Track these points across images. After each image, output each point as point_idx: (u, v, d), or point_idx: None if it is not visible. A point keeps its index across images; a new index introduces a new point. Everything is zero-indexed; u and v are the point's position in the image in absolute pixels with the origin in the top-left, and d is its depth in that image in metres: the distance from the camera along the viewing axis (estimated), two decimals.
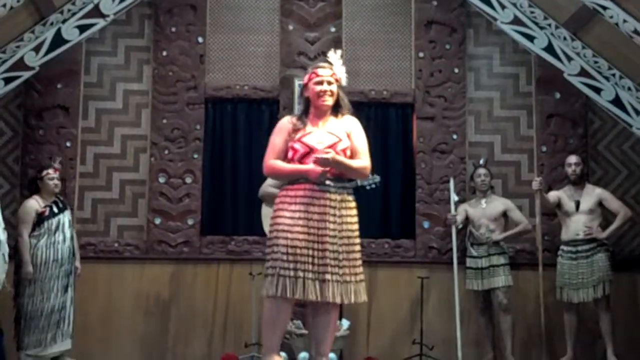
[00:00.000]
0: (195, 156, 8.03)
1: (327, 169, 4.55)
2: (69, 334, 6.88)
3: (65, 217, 7.03)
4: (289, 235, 4.48)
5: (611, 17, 7.20)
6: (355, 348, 7.70)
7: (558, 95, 8.18)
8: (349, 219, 4.63)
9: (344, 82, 4.89)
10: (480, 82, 8.34)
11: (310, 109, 4.77)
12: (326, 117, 4.73)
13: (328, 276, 4.48)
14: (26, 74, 7.55)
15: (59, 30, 7.61)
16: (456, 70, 8.25)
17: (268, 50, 8.25)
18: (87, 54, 8.07)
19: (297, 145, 4.62)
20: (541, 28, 7.96)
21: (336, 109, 4.80)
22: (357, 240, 4.67)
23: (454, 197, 7.62)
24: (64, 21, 7.62)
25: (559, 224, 7.57)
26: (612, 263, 7.27)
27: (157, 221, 7.90)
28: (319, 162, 4.54)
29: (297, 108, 4.92)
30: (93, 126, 8.05)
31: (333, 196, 4.58)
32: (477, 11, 8.10)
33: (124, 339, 7.67)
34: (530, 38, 7.96)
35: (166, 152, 8.00)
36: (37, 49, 7.53)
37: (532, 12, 7.94)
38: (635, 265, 7.81)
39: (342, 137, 4.68)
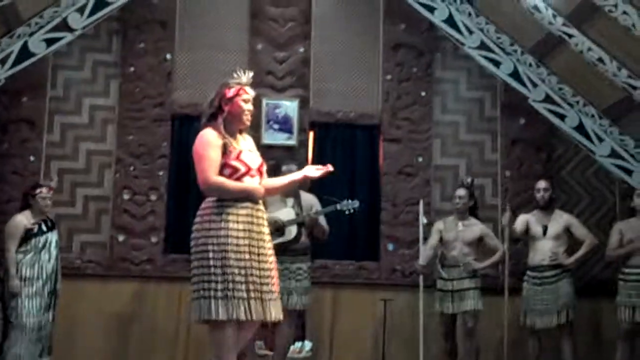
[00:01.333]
0: (161, 173, 7.99)
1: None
2: (47, 353, 6.80)
3: (53, 237, 6.96)
4: (240, 255, 4.40)
5: (576, 45, 7.30)
6: None
7: (523, 121, 8.27)
8: (269, 235, 4.64)
9: None
10: (447, 106, 8.41)
11: (225, 124, 4.61)
12: (236, 134, 4.65)
13: (269, 295, 4.45)
14: None
15: (25, 43, 7.56)
16: (423, 94, 8.31)
17: (236, 69, 8.23)
18: (54, 68, 8.01)
19: (237, 164, 4.51)
20: (507, 54, 8.06)
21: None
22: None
23: (423, 220, 7.57)
24: (31, 34, 7.58)
25: (522, 249, 7.62)
26: (576, 289, 7.32)
27: (121, 238, 7.84)
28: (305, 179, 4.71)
29: (204, 120, 4.68)
30: (58, 141, 7.99)
31: (265, 215, 4.60)
32: (444, 35, 8.18)
33: (84, 356, 7.58)
34: (497, 63, 8.07)
35: (131, 168, 7.95)
36: (3, 62, 7.47)
37: (498, 38, 8.04)
38: (597, 291, 7.85)
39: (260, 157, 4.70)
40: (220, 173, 4.52)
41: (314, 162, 8.15)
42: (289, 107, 8.13)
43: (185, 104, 8.11)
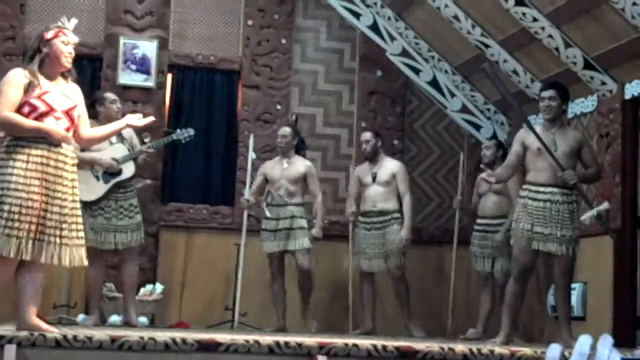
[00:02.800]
0: None
1: (68, 134, 4.52)
2: None
3: None
4: (24, 194, 4.35)
5: (433, 1, 7.47)
6: (167, 312, 7.67)
7: (380, 73, 8.43)
8: (76, 183, 4.61)
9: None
10: (306, 55, 8.47)
11: (44, 66, 4.59)
12: (57, 78, 4.63)
13: (52, 238, 4.42)
14: None
15: None
16: (283, 41, 8.33)
17: (93, 6, 8.02)
18: None
19: (37, 103, 4.47)
20: (367, 6, 8.17)
21: (66, 74, 4.70)
22: (80, 203, 4.64)
23: (252, 156, 7.43)
24: None
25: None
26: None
27: None
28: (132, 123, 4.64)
29: (27, 60, 4.63)
30: None
31: (68, 160, 4.55)
32: None
33: None
34: (357, 15, 8.17)
35: None
36: None
37: None
38: (441, 240, 8.14)
39: (77, 103, 4.65)
40: (20, 111, 4.46)
41: (172, 106, 8.10)
42: (147, 47, 7.97)
43: None
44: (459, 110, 8.33)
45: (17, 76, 4.50)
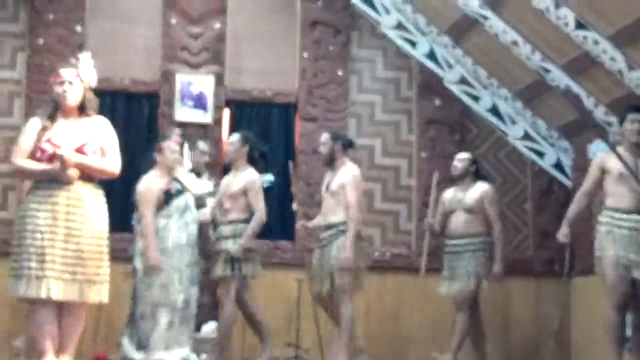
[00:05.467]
0: None
1: (65, 167, 4.58)
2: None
3: (191, 196, 6.27)
4: (38, 235, 4.50)
5: (491, 27, 7.36)
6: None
7: (438, 102, 8.31)
8: (97, 217, 4.68)
9: (92, 83, 4.85)
10: (363, 85, 8.40)
11: (57, 110, 4.77)
12: (73, 116, 4.77)
13: (69, 276, 4.52)
14: None
15: None
16: (339, 72, 8.28)
17: (150, 43, 8.08)
18: None
19: (45, 146, 4.63)
20: (423, 34, 8.09)
21: (83, 109, 4.80)
22: (104, 239, 4.70)
23: (188, 165, 6.93)
24: None
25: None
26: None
27: None
28: (59, 160, 4.61)
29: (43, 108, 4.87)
30: None
31: (84, 196, 4.63)
32: (361, 14, 8.14)
33: None
34: (413, 44, 8.10)
35: None
36: None
37: (415, 18, 8.05)
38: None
39: (91, 138, 4.72)
40: (35, 157, 4.64)
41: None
42: (204, 83, 7.99)
43: (96, 77, 7.86)
44: (520, 137, 8.17)
45: (31, 124, 4.73)
